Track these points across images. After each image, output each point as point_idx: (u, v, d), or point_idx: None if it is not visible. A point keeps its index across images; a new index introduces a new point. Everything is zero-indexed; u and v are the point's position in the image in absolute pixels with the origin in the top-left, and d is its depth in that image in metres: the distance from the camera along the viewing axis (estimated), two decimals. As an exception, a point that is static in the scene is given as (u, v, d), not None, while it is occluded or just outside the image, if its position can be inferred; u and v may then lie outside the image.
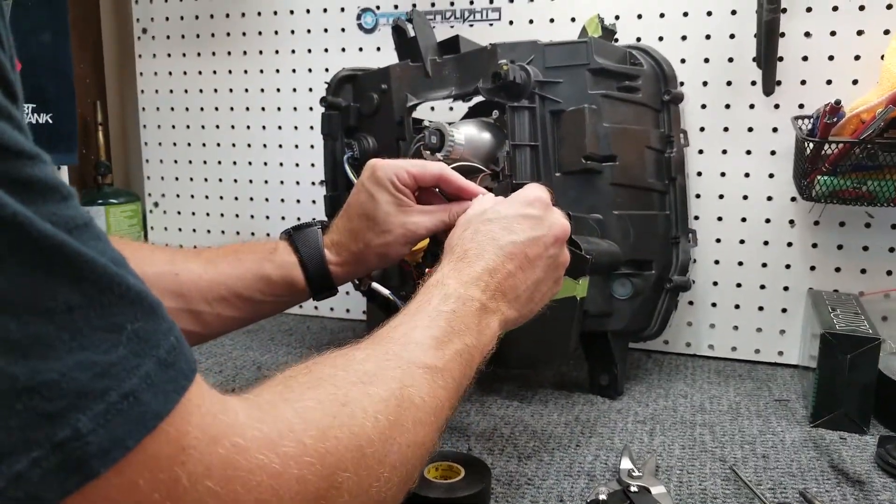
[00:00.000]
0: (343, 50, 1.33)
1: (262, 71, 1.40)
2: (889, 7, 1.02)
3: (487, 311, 0.64)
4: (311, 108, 1.36)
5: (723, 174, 1.13)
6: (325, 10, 1.33)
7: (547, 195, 0.74)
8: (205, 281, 0.77)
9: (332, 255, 0.82)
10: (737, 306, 1.15)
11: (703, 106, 1.12)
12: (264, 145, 1.42)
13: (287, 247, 0.82)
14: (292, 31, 1.36)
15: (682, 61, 1.12)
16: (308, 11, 1.34)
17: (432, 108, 1.24)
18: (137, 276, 0.36)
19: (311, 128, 1.36)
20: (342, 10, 1.32)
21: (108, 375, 0.33)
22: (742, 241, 1.14)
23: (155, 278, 0.75)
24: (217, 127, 1.45)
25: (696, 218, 1.14)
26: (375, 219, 0.80)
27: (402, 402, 0.51)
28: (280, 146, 1.41)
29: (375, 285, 0.96)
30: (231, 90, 1.43)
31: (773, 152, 1.10)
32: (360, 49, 1.31)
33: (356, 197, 0.83)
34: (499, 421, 0.93)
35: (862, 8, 1.03)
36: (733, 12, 1.09)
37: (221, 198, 1.47)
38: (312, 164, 1.37)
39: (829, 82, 1.06)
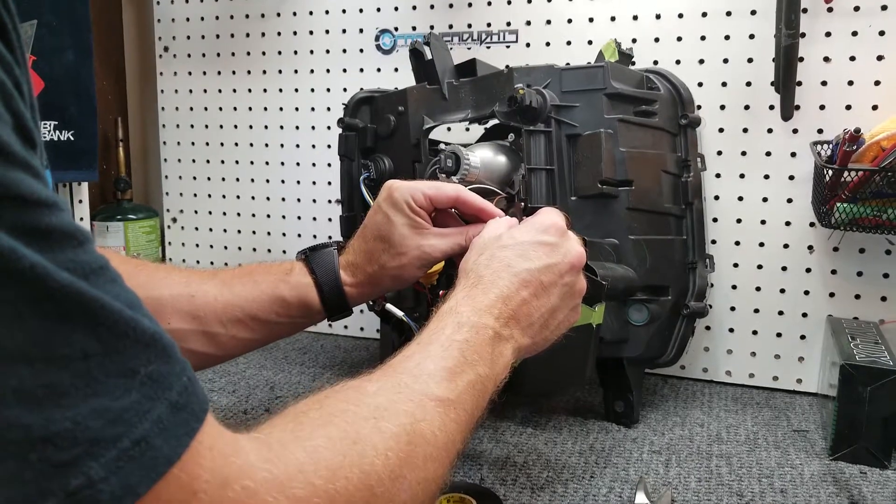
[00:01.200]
0: (361, 70, 1.33)
1: (281, 90, 1.41)
2: (910, 33, 1.01)
3: (501, 338, 0.64)
4: (328, 128, 1.36)
5: (740, 198, 1.12)
6: (343, 31, 1.34)
7: (563, 221, 0.73)
8: (220, 303, 0.77)
9: (347, 276, 0.82)
10: (755, 332, 1.14)
11: (721, 130, 1.12)
12: (282, 163, 1.43)
13: (303, 268, 0.82)
14: (311, 52, 1.37)
15: (700, 85, 1.11)
16: (327, 32, 1.35)
17: (448, 129, 1.24)
18: (152, 318, 0.36)
19: (329, 147, 1.36)
20: (361, 31, 1.32)
21: (121, 421, 0.33)
22: (760, 267, 1.12)
23: (171, 300, 0.75)
24: (236, 144, 1.46)
25: (714, 242, 1.13)
26: (391, 240, 0.80)
27: (414, 438, 0.51)
28: (298, 164, 1.41)
29: (389, 306, 0.96)
30: (250, 108, 1.44)
31: (791, 177, 1.09)
32: (378, 70, 1.32)
33: (373, 218, 0.83)
34: (512, 449, 0.93)
35: (882, 33, 1.02)
36: (751, 36, 1.08)
37: (239, 214, 1.48)
38: (329, 183, 1.38)
39: (848, 107, 1.05)
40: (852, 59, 1.04)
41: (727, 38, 1.10)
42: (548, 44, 1.20)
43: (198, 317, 0.76)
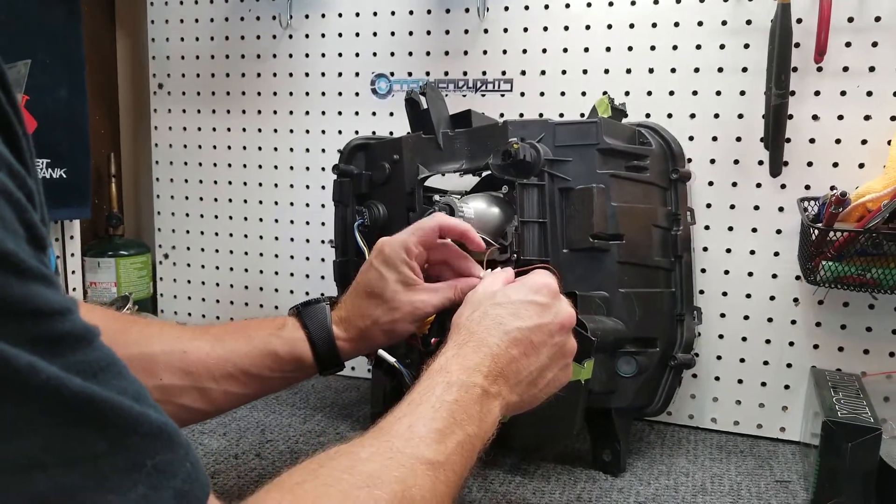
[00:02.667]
0: (356, 114, 1.35)
1: (276, 130, 1.42)
2: None
3: (489, 396, 0.65)
4: (322, 169, 1.38)
5: (728, 250, 1.14)
6: (339, 75, 1.35)
7: (555, 282, 0.75)
8: (213, 358, 0.78)
9: (339, 330, 0.83)
10: (740, 381, 1.16)
11: (711, 183, 1.14)
12: (275, 202, 1.44)
13: (295, 322, 0.83)
14: (307, 93, 1.38)
15: (691, 139, 1.13)
16: (323, 74, 1.37)
17: (443, 175, 1.25)
18: (157, 407, 0.38)
19: (323, 188, 1.38)
20: (357, 74, 1.34)
21: None
22: (746, 317, 1.14)
23: (163, 356, 0.76)
24: (229, 183, 1.47)
25: (702, 292, 1.15)
26: (383, 297, 0.82)
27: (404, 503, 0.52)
28: (291, 204, 1.42)
29: (381, 352, 0.97)
30: (244, 147, 1.45)
31: (778, 231, 1.11)
32: (374, 113, 1.34)
33: (365, 275, 0.84)
34: (501, 499, 0.93)
35: (870, 94, 1.05)
36: (742, 93, 1.11)
37: (231, 252, 1.49)
38: (322, 224, 1.39)
39: (835, 165, 1.07)
40: (840, 117, 1.07)
41: (718, 93, 1.12)
42: (542, 94, 1.22)
43: (190, 372, 0.77)
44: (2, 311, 0.32)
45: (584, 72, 1.19)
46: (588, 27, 1.19)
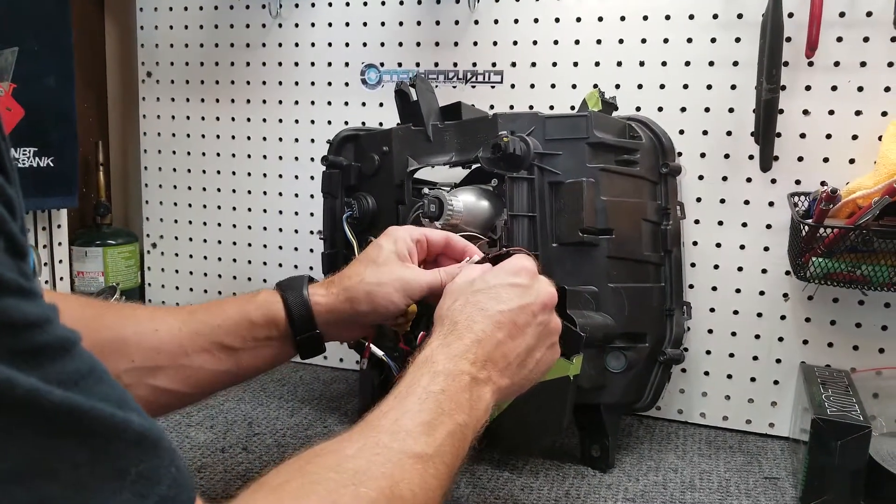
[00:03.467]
0: (346, 104, 1.34)
1: (264, 120, 1.41)
2: (887, 90, 1.03)
3: (478, 382, 0.64)
4: (311, 159, 1.37)
5: (718, 245, 1.14)
6: (329, 65, 1.34)
7: (533, 265, 0.75)
8: (184, 334, 0.76)
9: (320, 288, 0.81)
10: (729, 376, 1.16)
11: (701, 177, 1.13)
12: (264, 192, 1.43)
13: (271, 290, 0.82)
14: (296, 83, 1.37)
15: (681, 132, 1.13)
16: (313, 64, 1.35)
17: (432, 167, 1.24)
18: (141, 411, 0.37)
19: (312, 178, 1.37)
20: (346, 64, 1.33)
21: None
22: (736, 312, 1.14)
23: (135, 337, 0.74)
24: (218, 172, 1.46)
25: (691, 286, 1.15)
26: (376, 261, 0.81)
27: (393, 501, 0.51)
28: (280, 194, 1.41)
29: (371, 347, 0.96)
30: (233, 137, 1.44)
31: (768, 226, 1.11)
32: (364, 104, 1.33)
33: (366, 249, 0.85)
34: (489, 495, 0.93)
35: (861, 89, 1.04)
36: (733, 87, 1.10)
37: (220, 242, 1.48)
38: (311, 214, 1.38)
39: (826, 160, 1.07)
40: (831, 112, 1.06)
41: (709, 87, 1.12)
42: (532, 86, 1.21)
43: (162, 351, 0.75)
44: None
45: (575, 64, 1.18)
46: (579, 19, 1.18)
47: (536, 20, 1.20)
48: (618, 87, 1.16)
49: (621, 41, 1.16)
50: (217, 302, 0.82)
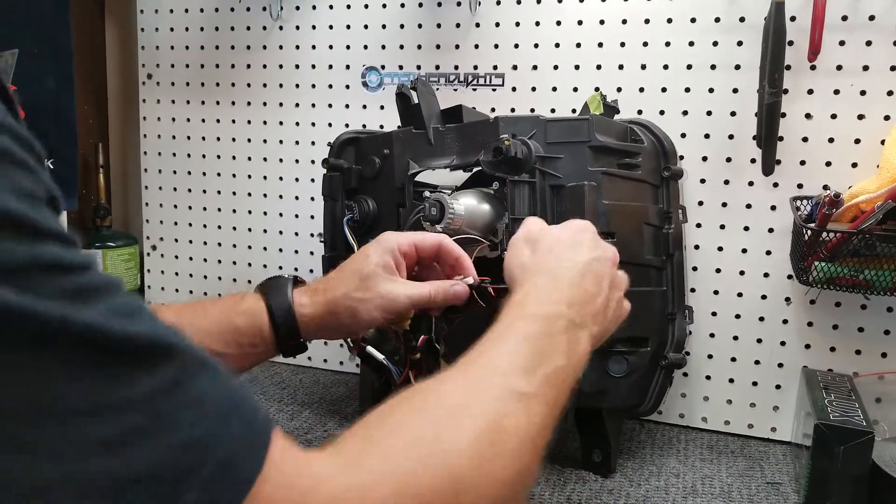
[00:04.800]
0: (347, 106, 1.33)
1: (265, 122, 1.40)
2: (890, 93, 1.03)
3: (575, 326, 0.64)
4: (312, 161, 1.36)
5: (720, 248, 1.13)
6: (330, 67, 1.34)
7: (591, 225, 0.76)
8: None
9: (304, 297, 0.82)
10: (731, 380, 1.15)
11: (703, 181, 1.13)
12: (264, 195, 1.42)
13: (256, 295, 0.83)
14: (297, 85, 1.37)
15: (683, 136, 1.12)
16: (314, 67, 1.35)
17: (433, 170, 1.24)
18: (195, 344, 0.39)
19: (312, 181, 1.36)
20: (347, 67, 1.33)
21: (202, 448, 0.35)
22: (738, 316, 1.14)
23: None
24: (218, 174, 1.46)
25: (693, 290, 1.14)
26: (361, 274, 0.81)
27: (497, 434, 0.50)
28: (280, 196, 1.41)
29: (370, 349, 0.96)
30: (234, 139, 1.44)
31: (770, 230, 1.10)
32: (364, 106, 1.32)
33: (353, 256, 0.85)
34: (489, 499, 0.93)
35: (863, 93, 1.04)
36: (735, 90, 1.10)
37: (220, 244, 1.47)
38: (312, 217, 1.38)
39: (828, 164, 1.06)
40: (833, 116, 1.06)
41: (711, 91, 1.11)
42: (534, 89, 1.21)
43: None
44: (25, 267, 0.32)
45: (577, 67, 1.18)
46: (580, 22, 1.17)
47: (538, 23, 1.20)
48: (619, 90, 1.16)
49: (623, 44, 1.15)
50: (202, 304, 0.82)
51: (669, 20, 1.12)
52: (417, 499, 0.43)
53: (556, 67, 1.19)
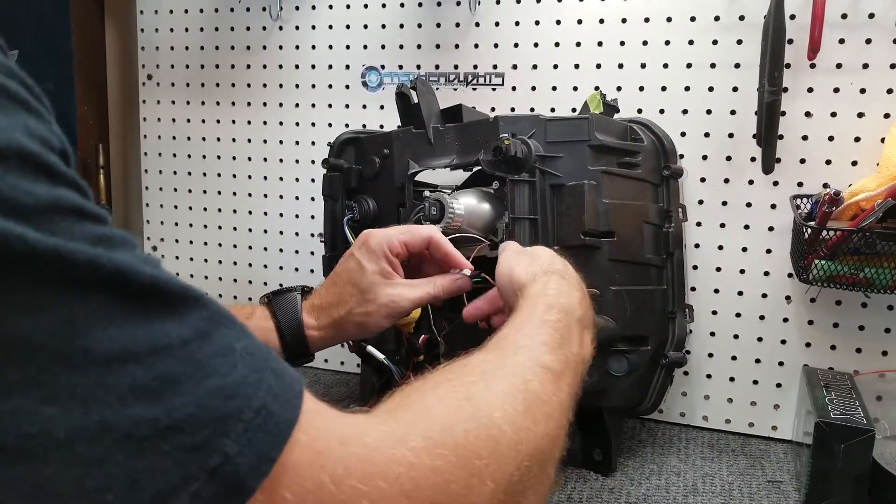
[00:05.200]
0: (347, 106, 1.33)
1: (265, 122, 1.41)
2: (889, 91, 1.03)
3: (584, 325, 0.67)
4: (312, 161, 1.36)
5: (720, 247, 1.13)
6: (330, 67, 1.34)
7: None
8: None
9: (311, 319, 0.83)
10: (731, 379, 1.15)
11: (703, 179, 1.13)
12: (265, 195, 1.43)
13: (265, 311, 0.83)
14: (297, 85, 1.37)
15: (683, 135, 1.12)
16: (313, 67, 1.35)
17: (433, 169, 1.24)
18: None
19: (312, 181, 1.36)
20: (347, 67, 1.33)
21: (239, 395, 0.35)
22: (738, 315, 1.14)
23: None
24: (218, 175, 1.46)
25: (693, 289, 1.14)
26: (360, 286, 0.82)
27: (528, 396, 0.51)
28: (280, 197, 1.41)
29: (370, 349, 0.97)
30: (234, 139, 1.44)
31: (771, 228, 1.10)
32: (364, 106, 1.32)
33: (344, 264, 0.84)
34: (490, 498, 0.93)
35: (863, 91, 1.04)
36: (734, 89, 1.10)
37: (220, 245, 1.48)
38: (312, 217, 1.38)
39: (828, 162, 1.06)
40: (833, 115, 1.06)
41: (711, 89, 1.11)
42: (533, 88, 1.21)
43: None
44: (47, 209, 0.32)
45: (576, 66, 1.18)
46: (580, 21, 1.17)
47: (537, 22, 1.20)
48: (619, 89, 1.16)
49: (623, 43, 1.15)
50: None
51: (669, 19, 1.13)
52: (454, 448, 0.43)
53: (555, 66, 1.19)
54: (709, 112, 1.12)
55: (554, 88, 1.20)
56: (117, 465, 0.31)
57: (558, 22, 1.19)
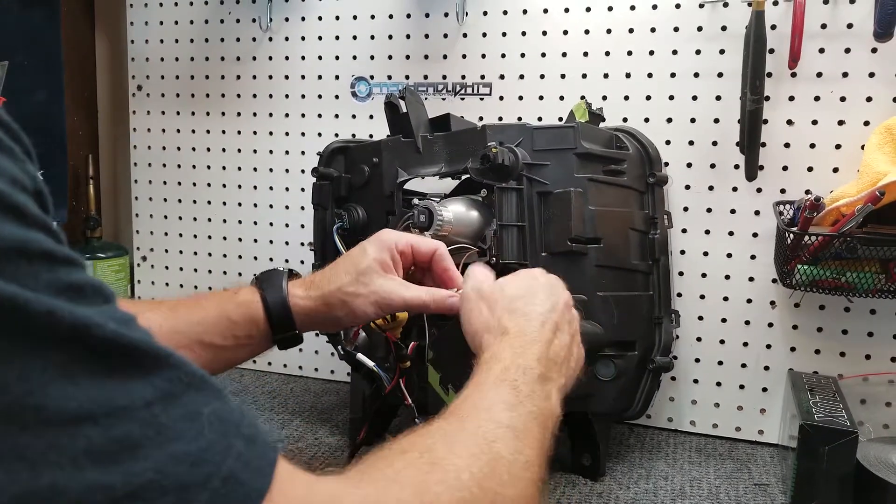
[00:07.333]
0: (336, 116, 1.35)
1: (255, 132, 1.41)
2: (869, 99, 1.05)
3: (546, 379, 0.65)
4: (302, 171, 1.37)
5: (706, 253, 1.15)
6: (319, 77, 1.35)
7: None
8: (165, 330, 0.75)
9: (300, 290, 0.82)
10: (718, 384, 1.16)
11: (688, 187, 1.15)
12: (255, 205, 1.43)
13: (251, 288, 0.83)
14: (286, 96, 1.38)
15: (668, 143, 1.14)
16: (303, 77, 1.36)
17: (422, 178, 1.25)
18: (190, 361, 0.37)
19: (302, 190, 1.37)
20: (336, 77, 1.34)
21: (204, 462, 0.33)
22: (724, 320, 1.15)
23: None
24: (208, 185, 1.47)
25: (679, 295, 1.16)
26: (358, 268, 0.81)
27: (493, 456, 0.51)
28: (270, 206, 1.42)
29: (360, 356, 0.97)
30: (224, 150, 1.45)
31: (755, 234, 1.12)
32: (354, 116, 1.33)
33: (351, 250, 0.85)
34: (479, 503, 0.93)
35: (843, 99, 1.06)
36: (718, 98, 1.12)
37: (210, 255, 1.48)
38: (302, 226, 1.39)
39: (810, 169, 1.08)
40: (814, 122, 1.08)
41: (695, 98, 1.13)
42: (520, 98, 1.22)
43: None
44: (10, 253, 0.30)
45: (562, 76, 1.20)
46: (566, 32, 1.19)
47: (524, 33, 1.22)
48: (605, 98, 1.17)
49: (608, 53, 1.17)
50: (198, 297, 0.82)
51: (653, 29, 1.14)
52: None
53: (542, 76, 1.21)
54: (693, 120, 1.14)
55: (541, 98, 1.21)
56: None
57: (544, 33, 1.20)
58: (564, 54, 1.20)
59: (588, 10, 1.17)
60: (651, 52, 1.15)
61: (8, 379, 0.29)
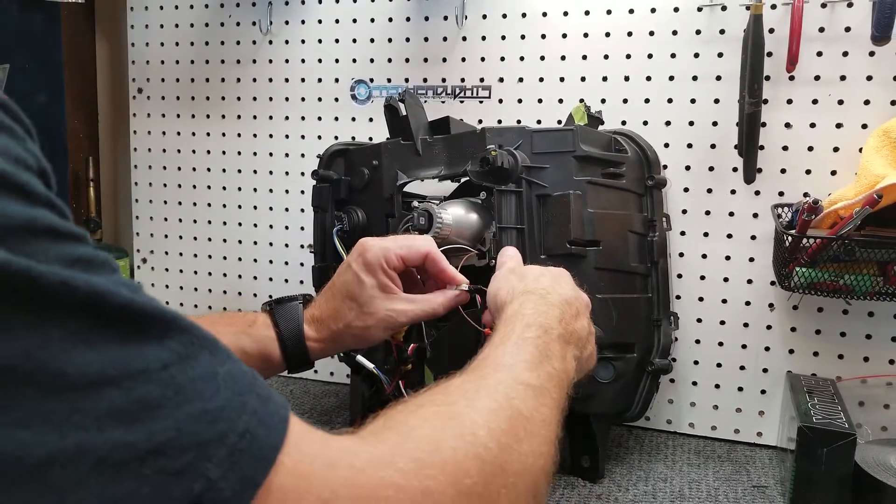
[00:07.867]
0: (336, 119, 1.35)
1: (255, 135, 1.42)
2: (867, 102, 1.05)
3: (566, 341, 0.66)
4: (302, 174, 1.38)
5: (704, 256, 1.15)
6: (319, 80, 1.36)
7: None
8: None
9: (311, 330, 0.83)
10: (717, 386, 1.17)
11: (686, 189, 1.15)
12: (255, 207, 1.44)
13: (267, 320, 0.83)
14: (286, 99, 1.38)
15: (666, 145, 1.15)
16: (303, 80, 1.37)
17: (421, 180, 1.25)
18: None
19: (302, 192, 1.38)
20: (336, 80, 1.34)
21: (222, 419, 0.34)
22: (722, 322, 1.15)
23: None
24: (208, 187, 1.47)
25: (678, 298, 1.16)
26: (359, 300, 0.82)
27: (512, 413, 0.51)
28: (270, 209, 1.42)
29: (360, 358, 0.97)
30: (224, 152, 1.45)
31: (753, 237, 1.12)
32: (353, 119, 1.34)
33: (342, 277, 0.84)
34: (479, 504, 0.94)
35: (841, 102, 1.06)
36: (716, 101, 1.12)
37: (210, 256, 1.48)
38: (302, 228, 1.39)
39: (808, 172, 1.09)
40: (812, 125, 1.08)
41: (693, 101, 1.13)
42: (520, 100, 1.23)
43: None
44: (19, 230, 0.31)
45: (561, 79, 1.20)
46: (565, 35, 1.19)
47: (523, 36, 1.22)
48: (603, 101, 1.18)
49: (606, 57, 1.17)
50: (210, 321, 0.82)
51: (651, 33, 1.15)
52: (442, 468, 0.43)
53: (541, 80, 1.21)
54: (691, 123, 1.14)
55: (540, 101, 1.22)
56: (94, 490, 0.30)
57: (543, 36, 1.21)
58: (563, 57, 1.20)
59: (587, 13, 1.18)
60: (650, 56, 1.15)
61: (30, 348, 0.30)
